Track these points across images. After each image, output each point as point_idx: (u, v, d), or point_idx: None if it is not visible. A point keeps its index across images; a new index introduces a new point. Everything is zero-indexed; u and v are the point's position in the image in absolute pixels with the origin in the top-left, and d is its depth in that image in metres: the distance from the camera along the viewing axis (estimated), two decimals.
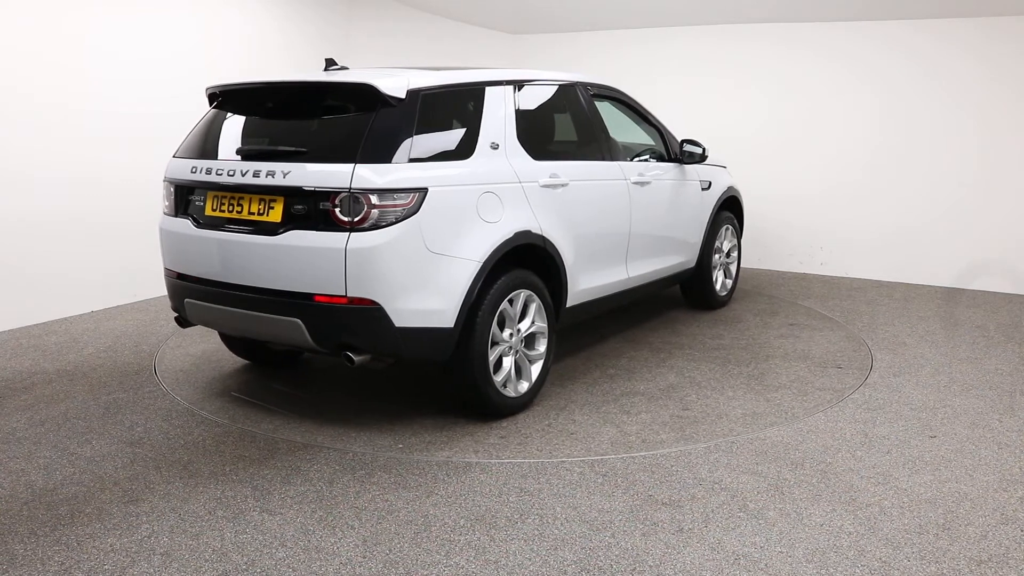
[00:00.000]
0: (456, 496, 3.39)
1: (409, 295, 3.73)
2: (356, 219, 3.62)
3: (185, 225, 4.17)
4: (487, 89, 4.30)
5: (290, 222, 3.77)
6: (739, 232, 6.75)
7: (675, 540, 3.05)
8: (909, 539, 3.06)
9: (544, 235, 4.33)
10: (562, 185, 4.52)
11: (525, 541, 3.05)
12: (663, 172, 5.63)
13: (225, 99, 4.34)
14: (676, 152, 5.80)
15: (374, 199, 3.61)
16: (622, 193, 5.08)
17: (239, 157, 4.01)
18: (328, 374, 5.00)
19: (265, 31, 7.47)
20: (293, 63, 7.55)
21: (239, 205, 3.95)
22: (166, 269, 4.37)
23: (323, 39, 8.11)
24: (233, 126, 4.28)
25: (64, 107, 5.93)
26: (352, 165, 3.64)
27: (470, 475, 3.59)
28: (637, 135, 5.78)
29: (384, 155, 3.69)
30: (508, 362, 4.19)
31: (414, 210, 3.69)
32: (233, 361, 5.16)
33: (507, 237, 4.07)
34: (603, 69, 8.56)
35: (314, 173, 3.71)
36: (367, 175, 3.62)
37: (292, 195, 3.76)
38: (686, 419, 4.20)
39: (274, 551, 2.97)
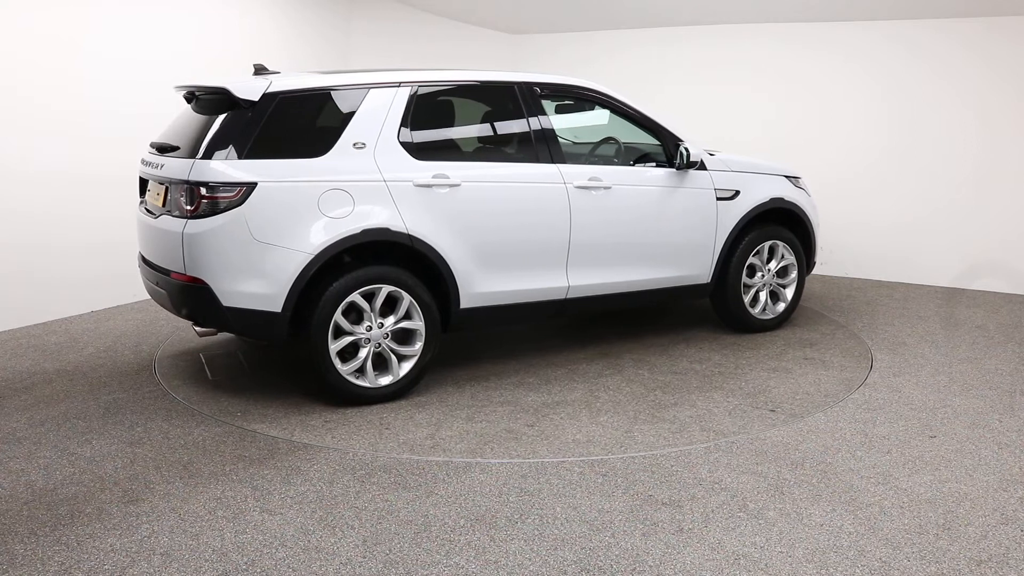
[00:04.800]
0: (456, 496, 3.39)
1: (234, 278, 4.14)
2: (192, 207, 4.14)
3: (136, 208, 4.94)
4: (370, 91, 4.49)
5: (163, 208, 4.39)
6: (800, 250, 5.90)
7: (675, 540, 3.05)
8: (909, 539, 3.06)
9: (411, 233, 4.39)
10: (451, 186, 4.53)
11: (525, 541, 3.05)
12: (639, 177, 5.23)
13: (185, 99, 4.83)
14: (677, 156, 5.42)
15: (203, 191, 4.10)
16: (556, 197, 4.85)
17: (154, 151, 4.61)
18: None
19: (265, 31, 7.48)
20: (293, 63, 7.55)
21: (152, 192, 4.62)
22: None
23: (323, 39, 8.12)
24: (170, 123, 4.82)
25: (64, 107, 5.93)
26: (192, 160, 4.17)
27: (470, 475, 3.59)
28: (628, 138, 5.56)
29: (222, 152, 4.16)
30: (363, 353, 4.36)
31: (239, 202, 4.09)
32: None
33: (351, 233, 4.26)
34: (606, 69, 8.56)
35: (172, 166, 4.32)
36: (201, 169, 4.13)
37: (167, 185, 4.37)
38: (512, 434, 4.02)
39: (274, 551, 2.97)
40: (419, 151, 4.54)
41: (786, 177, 5.95)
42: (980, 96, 7.22)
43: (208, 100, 4.51)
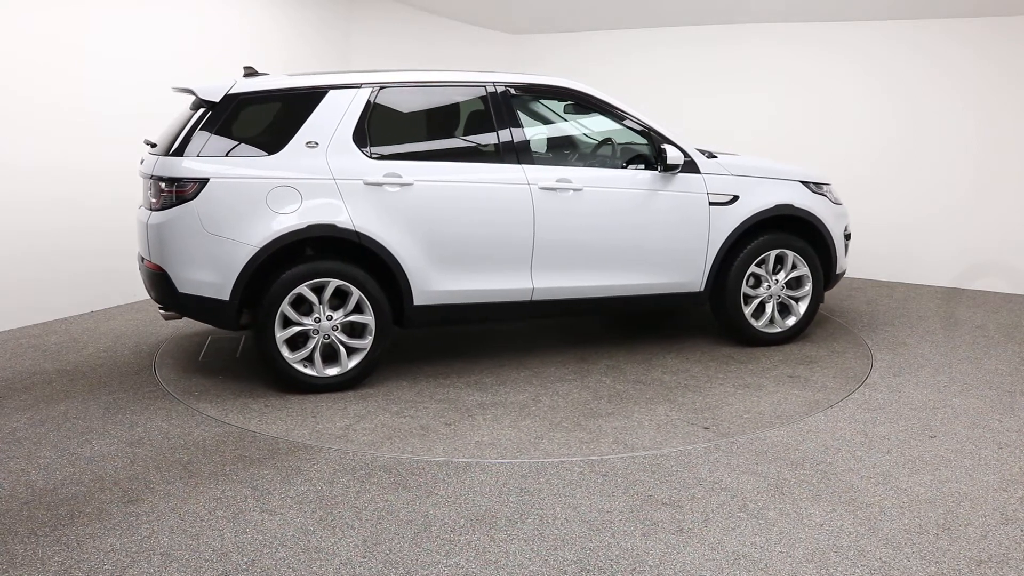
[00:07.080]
0: (456, 496, 3.39)
1: (187, 267, 4.45)
2: (155, 200, 4.51)
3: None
4: (330, 92, 4.65)
5: (144, 200, 4.74)
6: (816, 262, 5.49)
7: (675, 540, 3.05)
8: (909, 539, 3.06)
9: (359, 230, 4.53)
10: (403, 184, 4.61)
11: (525, 541, 3.05)
12: (617, 180, 5.05)
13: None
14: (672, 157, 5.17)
15: (163, 185, 4.45)
16: (517, 198, 4.81)
17: (148, 148, 4.87)
18: None
19: (265, 31, 7.48)
20: (293, 63, 7.56)
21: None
22: None
23: (323, 39, 8.12)
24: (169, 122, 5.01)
25: (64, 108, 5.94)
26: (158, 157, 4.52)
27: (470, 475, 3.59)
28: (626, 141, 5.42)
29: (184, 149, 4.45)
30: (312, 344, 4.56)
31: (192, 196, 4.39)
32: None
33: (296, 228, 4.46)
34: (606, 69, 8.57)
35: (147, 163, 4.67)
36: (163, 165, 4.47)
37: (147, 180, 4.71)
38: (423, 431, 4.04)
39: (274, 551, 2.97)
40: (374, 150, 4.65)
41: (804, 183, 5.55)
42: (980, 96, 7.22)
43: (197, 100, 4.66)
